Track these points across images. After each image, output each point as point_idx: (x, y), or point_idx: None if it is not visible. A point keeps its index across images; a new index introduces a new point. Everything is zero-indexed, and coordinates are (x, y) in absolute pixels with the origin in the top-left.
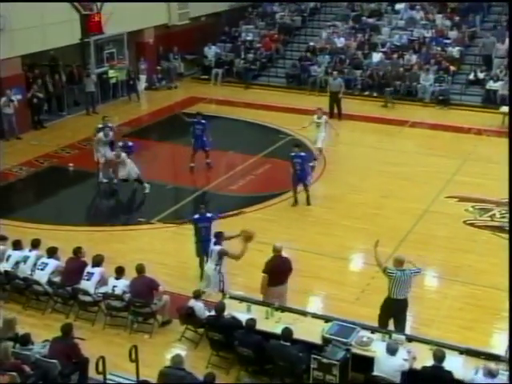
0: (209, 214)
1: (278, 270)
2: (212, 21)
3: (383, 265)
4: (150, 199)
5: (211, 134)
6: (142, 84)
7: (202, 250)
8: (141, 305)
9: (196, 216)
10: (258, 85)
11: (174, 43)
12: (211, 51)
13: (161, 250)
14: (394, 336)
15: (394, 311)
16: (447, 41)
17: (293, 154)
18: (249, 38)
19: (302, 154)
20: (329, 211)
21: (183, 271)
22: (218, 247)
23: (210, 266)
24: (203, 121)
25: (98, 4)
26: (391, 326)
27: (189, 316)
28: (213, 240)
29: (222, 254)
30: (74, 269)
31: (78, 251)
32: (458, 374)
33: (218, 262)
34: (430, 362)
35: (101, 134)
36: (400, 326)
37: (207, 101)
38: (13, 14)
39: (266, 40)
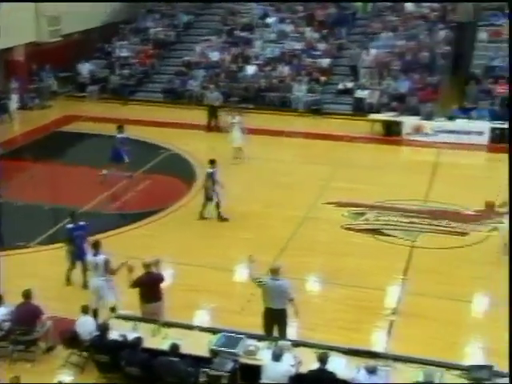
0: (82, 223)
1: (145, 287)
2: (85, 37)
3: (254, 276)
4: (28, 222)
5: (91, 152)
6: (13, 104)
7: (76, 258)
8: (22, 332)
9: (70, 225)
10: (136, 100)
11: (46, 61)
12: (85, 68)
13: (40, 274)
14: (280, 343)
15: (274, 319)
16: (317, 52)
17: (210, 170)
18: (123, 54)
19: (216, 169)
20: (213, 224)
21: (64, 294)
22: (101, 257)
23: (96, 279)
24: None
25: None
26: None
27: (73, 340)
28: (91, 252)
29: (107, 263)
30: None
31: None
32: (342, 374)
33: (105, 272)
34: (315, 365)
35: None
36: (281, 333)
37: (84, 119)
38: None
39: (141, 55)
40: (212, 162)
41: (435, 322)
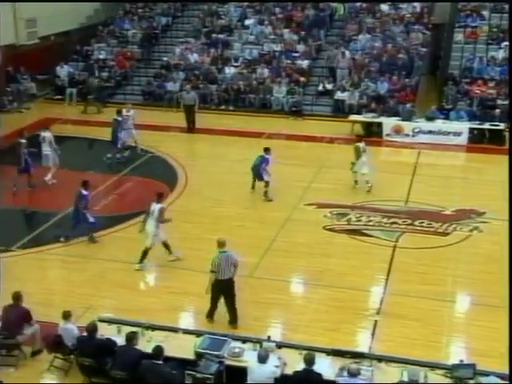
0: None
1: None
2: (62, 40)
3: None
4: (8, 226)
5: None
6: None
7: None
8: (4, 336)
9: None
10: (115, 103)
11: (24, 63)
12: (64, 70)
13: (23, 278)
14: (265, 344)
15: (222, 290)
16: (296, 54)
17: (267, 157)
18: (101, 57)
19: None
20: (195, 226)
21: (48, 298)
22: (159, 205)
23: (150, 223)
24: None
25: None
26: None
27: (57, 344)
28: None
29: (162, 211)
30: None
31: None
32: (328, 374)
33: (158, 218)
34: (300, 366)
35: None
36: (230, 302)
37: (62, 121)
38: None
39: (120, 58)
40: (266, 150)
41: (418, 321)
